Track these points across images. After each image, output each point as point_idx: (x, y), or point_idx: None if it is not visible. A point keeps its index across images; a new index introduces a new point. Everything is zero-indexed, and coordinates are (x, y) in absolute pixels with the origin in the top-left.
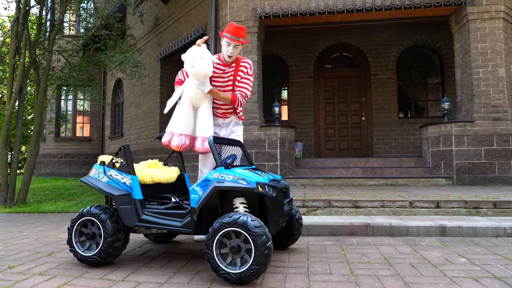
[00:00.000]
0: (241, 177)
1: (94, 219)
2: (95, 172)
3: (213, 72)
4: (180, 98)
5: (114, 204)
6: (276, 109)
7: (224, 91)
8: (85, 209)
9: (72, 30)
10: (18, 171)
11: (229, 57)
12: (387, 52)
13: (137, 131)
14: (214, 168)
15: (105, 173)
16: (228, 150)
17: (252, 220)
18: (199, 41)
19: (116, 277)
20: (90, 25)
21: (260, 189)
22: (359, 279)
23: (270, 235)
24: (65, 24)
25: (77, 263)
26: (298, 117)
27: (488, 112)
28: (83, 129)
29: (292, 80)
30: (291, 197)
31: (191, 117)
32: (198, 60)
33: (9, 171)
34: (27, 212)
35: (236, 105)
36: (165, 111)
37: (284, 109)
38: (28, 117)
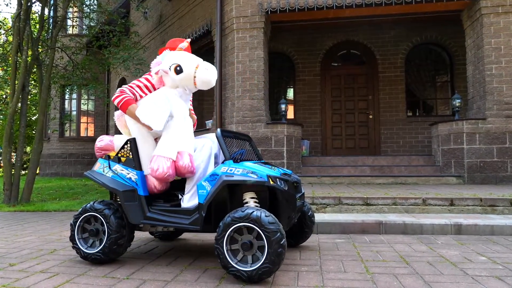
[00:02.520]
0: (251, 170)
1: (97, 214)
2: (100, 166)
3: None
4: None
5: (118, 200)
6: (283, 106)
7: None
8: (88, 205)
9: (76, 28)
10: (23, 172)
11: None
12: (395, 49)
13: None
14: (222, 162)
15: (110, 167)
16: (236, 144)
17: (266, 216)
18: (183, 44)
19: (121, 275)
20: (93, 23)
21: (271, 182)
22: (375, 277)
23: (284, 232)
24: (69, 22)
25: (80, 260)
26: (304, 116)
27: (501, 110)
28: (88, 129)
29: (299, 78)
30: (302, 192)
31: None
32: (208, 64)
33: (13, 171)
34: (31, 211)
35: None
36: (158, 128)
37: (290, 108)
38: (32, 118)
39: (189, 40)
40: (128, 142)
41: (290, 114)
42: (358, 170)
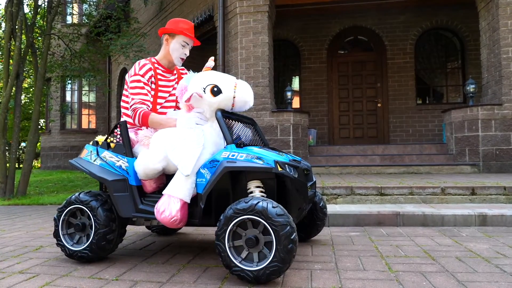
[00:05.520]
0: (256, 155)
1: (83, 207)
2: (87, 153)
3: (159, 79)
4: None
5: (108, 190)
6: (289, 93)
7: (169, 105)
8: (73, 196)
9: (76, 16)
10: (21, 165)
11: (182, 60)
12: (404, 35)
13: None
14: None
15: (98, 154)
16: (239, 128)
17: (273, 207)
18: (210, 63)
19: (110, 275)
20: (91, 9)
21: (279, 169)
22: (400, 276)
23: (294, 225)
24: (68, 11)
25: (67, 259)
26: (310, 104)
27: None
28: (89, 121)
29: (304, 65)
30: (314, 180)
31: None
32: (244, 82)
33: (8, 165)
34: (26, 204)
35: None
36: (186, 173)
37: (296, 97)
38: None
39: (213, 58)
40: (118, 126)
41: (296, 103)
42: (367, 159)
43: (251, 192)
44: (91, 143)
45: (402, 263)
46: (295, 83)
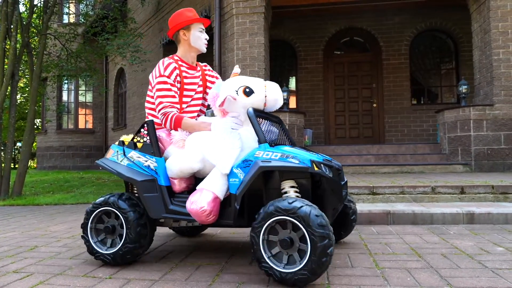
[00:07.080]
0: (291, 154)
1: (119, 214)
2: (113, 153)
3: (184, 77)
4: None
5: (136, 191)
6: (285, 94)
7: (195, 103)
8: (112, 199)
9: (72, 15)
10: (16, 165)
11: (206, 45)
12: (399, 36)
13: (141, 121)
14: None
15: (125, 154)
16: (268, 126)
17: (316, 216)
18: (236, 70)
19: (103, 273)
20: (88, 9)
21: (316, 168)
22: (386, 272)
23: (334, 238)
24: (65, 10)
25: (61, 258)
26: (307, 105)
27: (509, 95)
28: (86, 121)
29: (301, 66)
30: (346, 180)
31: None
32: (272, 82)
33: (3, 165)
34: (21, 205)
35: None
36: (225, 171)
37: (292, 98)
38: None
39: (238, 65)
40: (145, 125)
41: (293, 104)
42: (362, 159)
43: (285, 192)
44: (117, 143)
45: (389, 260)
46: (292, 84)
